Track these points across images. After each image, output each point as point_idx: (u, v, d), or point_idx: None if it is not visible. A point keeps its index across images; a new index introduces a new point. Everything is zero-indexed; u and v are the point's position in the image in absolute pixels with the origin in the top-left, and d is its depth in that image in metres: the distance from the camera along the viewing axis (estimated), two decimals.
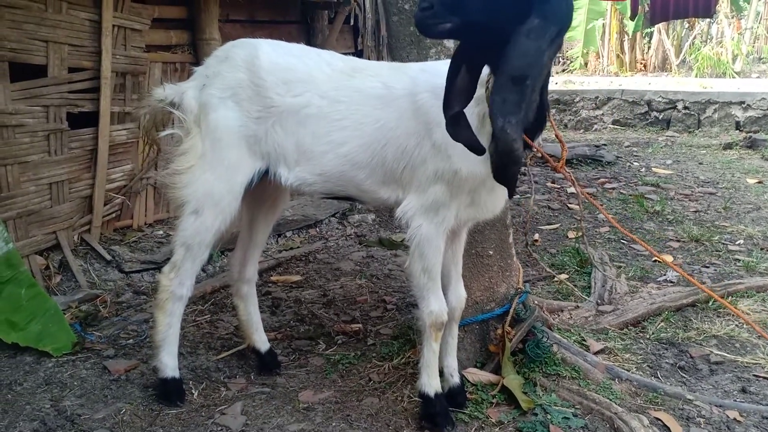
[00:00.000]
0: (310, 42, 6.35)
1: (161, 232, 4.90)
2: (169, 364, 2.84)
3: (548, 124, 2.30)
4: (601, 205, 6.10)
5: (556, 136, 2.29)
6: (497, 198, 2.49)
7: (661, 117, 10.75)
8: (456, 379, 2.78)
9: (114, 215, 4.68)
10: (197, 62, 4.79)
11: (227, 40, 3.88)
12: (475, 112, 2.25)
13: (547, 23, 1.88)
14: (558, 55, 17.51)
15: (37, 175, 4.04)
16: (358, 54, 6.94)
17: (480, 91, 2.18)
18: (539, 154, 2.33)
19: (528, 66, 1.88)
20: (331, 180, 2.63)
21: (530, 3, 1.88)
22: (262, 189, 2.88)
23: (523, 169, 2.30)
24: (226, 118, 2.66)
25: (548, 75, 2.12)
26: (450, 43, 2.99)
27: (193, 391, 2.95)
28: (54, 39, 4.01)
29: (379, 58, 7.01)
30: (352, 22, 6.89)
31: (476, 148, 2.09)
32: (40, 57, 3.97)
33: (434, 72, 2.39)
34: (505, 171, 1.97)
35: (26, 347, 3.25)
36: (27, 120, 3.93)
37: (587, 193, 5.94)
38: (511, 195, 2.19)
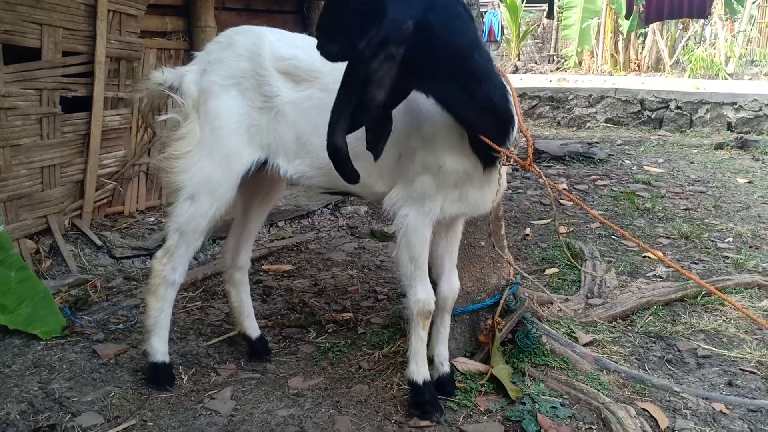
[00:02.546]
0: (305, 32, 6.32)
1: (153, 218, 4.89)
2: (159, 348, 2.84)
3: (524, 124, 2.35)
4: (593, 201, 6.13)
5: (521, 130, 2.32)
6: (485, 195, 2.49)
7: (653, 116, 10.80)
8: (446, 368, 2.79)
9: (105, 201, 4.67)
10: (192, 49, 4.78)
11: (223, 27, 3.86)
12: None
13: (377, 31, 1.97)
14: (553, 53, 17.50)
15: (28, 159, 4.02)
16: None
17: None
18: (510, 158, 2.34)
19: (352, 69, 2.03)
20: (330, 173, 2.62)
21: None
22: (258, 178, 2.87)
23: (514, 164, 2.34)
24: (229, 106, 2.65)
25: (465, 70, 2.15)
26: None
27: (183, 376, 2.95)
28: (49, 22, 3.99)
29: None
30: None
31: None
32: (34, 40, 3.95)
33: None
34: (333, 162, 2.11)
35: (15, 330, 3.23)
36: (20, 103, 3.91)
37: (564, 200, 5.98)
38: (345, 178, 2.21)
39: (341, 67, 2.59)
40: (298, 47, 2.65)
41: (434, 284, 2.66)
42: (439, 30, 2.05)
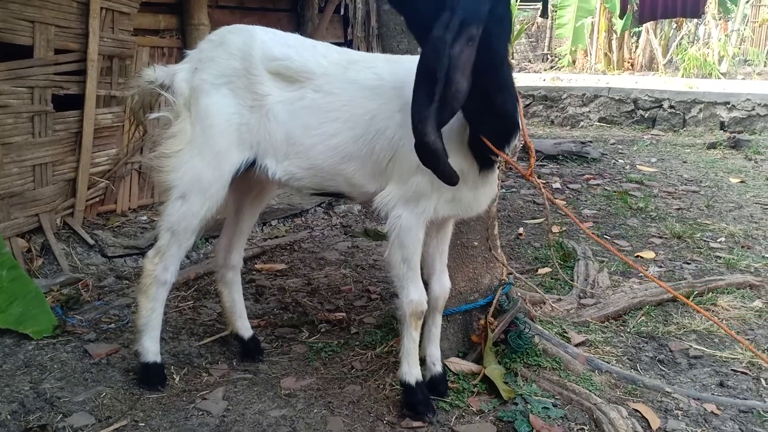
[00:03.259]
0: (299, 30, 6.32)
1: (145, 217, 4.88)
2: (151, 348, 2.83)
3: (521, 132, 2.36)
4: (585, 200, 6.14)
5: (526, 143, 2.32)
6: (480, 196, 2.49)
7: (646, 115, 10.83)
8: (438, 368, 2.79)
9: (98, 199, 4.65)
10: (185, 47, 4.77)
11: (216, 25, 3.85)
12: (460, 120, 2.30)
13: (453, 15, 1.96)
14: (547, 52, 17.48)
15: (20, 157, 4.00)
16: (348, 44, 6.92)
17: None
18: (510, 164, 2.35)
19: (434, 57, 1.96)
20: (320, 174, 2.61)
21: None
22: (250, 178, 2.86)
23: (514, 173, 2.34)
24: (220, 104, 2.64)
25: (493, 75, 2.15)
26: None
27: (175, 377, 2.94)
28: (40, 19, 3.97)
29: (368, 48, 6.99)
30: (342, 12, 6.86)
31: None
32: (26, 37, 3.93)
33: None
34: (428, 164, 2.07)
35: (6, 329, 3.22)
36: (11, 101, 3.89)
37: (558, 199, 5.99)
38: (444, 180, 2.18)
39: (333, 68, 2.59)
40: (291, 47, 2.64)
41: (425, 284, 2.65)
42: (494, 28, 2.06)
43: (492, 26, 2.05)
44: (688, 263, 4.47)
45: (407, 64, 2.51)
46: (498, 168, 2.42)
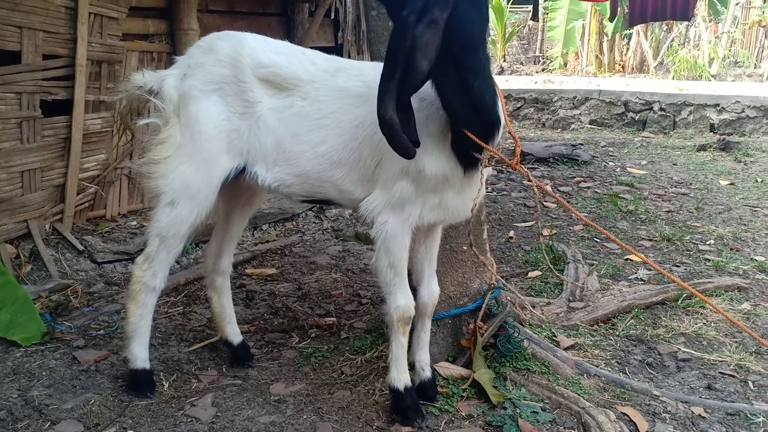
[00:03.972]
0: (289, 35, 6.33)
1: (135, 222, 4.86)
2: (139, 355, 2.82)
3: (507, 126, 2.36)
4: (576, 203, 6.16)
5: (510, 132, 2.33)
6: (465, 201, 2.50)
7: (637, 118, 10.87)
8: (427, 373, 2.79)
9: (87, 205, 4.63)
10: (175, 52, 4.77)
11: (206, 30, 3.86)
12: (442, 118, 2.35)
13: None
14: (538, 54, 17.54)
15: (8, 163, 3.98)
16: (338, 48, 6.93)
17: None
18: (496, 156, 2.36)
19: (397, 37, 2.06)
20: (309, 181, 2.62)
21: None
22: (239, 183, 2.86)
23: (499, 164, 2.35)
24: (209, 111, 2.64)
25: (470, 59, 2.18)
26: None
27: (164, 383, 2.94)
28: (28, 25, 3.95)
29: (359, 52, 7.00)
30: (332, 16, 6.87)
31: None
32: (13, 43, 3.91)
33: None
34: (385, 134, 2.12)
35: None
36: None
37: (548, 203, 6.01)
38: (399, 152, 2.20)
39: (322, 75, 2.60)
40: (280, 54, 2.64)
41: (414, 290, 2.66)
42: (465, 12, 2.10)
43: (465, 10, 2.11)
44: (678, 266, 4.49)
45: None
46: (482, 165, 2.41)
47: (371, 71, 2.56)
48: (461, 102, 2.22)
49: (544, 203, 6.09)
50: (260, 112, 2.60)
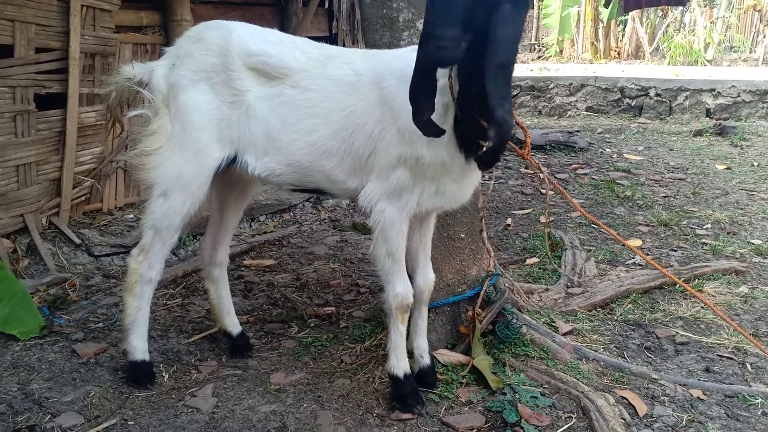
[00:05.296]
0: (283, 25, 6.30)
1: (131, 215, 4.85)
2: (138, 347, 2.82)
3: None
4: (573, 190, 6.16)
5: (517, 122, 2.31)
6: (463, 188, 2.50)
7: (633, 104, 10.86)
8: (426, 360, 2.80)
9: (83, 198, 4.62)
10: (168, 44, 4.72)
11: (199, 21, 3.82)
12: (440, 102, 2.24)
13: (517, 8, 1.97)
14: (534, 42, 17.48)
15: (3, 157, 3.97)
16: (333, 37, 6.89)
17: (442, 81, 2.19)
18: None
19: (510, 51, 2.02)
20: (299, 170, 2.61)
21: None
22: (233, 174, 2.85)
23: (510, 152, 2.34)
24: (198, 100, 2.63)
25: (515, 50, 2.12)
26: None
27: (164, 374, 2.94)
28: (21, 18, 3.93)
29: (353, 41, 6.97)
30: (326, 5, 6.83)
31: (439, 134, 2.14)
32: (6, 36, 3.89)
33: (404, 58, 2.36)
34: (498, 154, 2.10)
35: None
36: None
37: (554, 180, 6.01)
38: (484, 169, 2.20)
39: (311, 63, 2.58)
40: (269, 42, 2.63)
41: (410, 278, 2.66)
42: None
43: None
44: (675, 250, 4.50)
45: (384, 59, 2.51)
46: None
47: (362, 59, 2.55)
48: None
49: (541, 191, 6.09)
50: (250, 101, 2.59)
